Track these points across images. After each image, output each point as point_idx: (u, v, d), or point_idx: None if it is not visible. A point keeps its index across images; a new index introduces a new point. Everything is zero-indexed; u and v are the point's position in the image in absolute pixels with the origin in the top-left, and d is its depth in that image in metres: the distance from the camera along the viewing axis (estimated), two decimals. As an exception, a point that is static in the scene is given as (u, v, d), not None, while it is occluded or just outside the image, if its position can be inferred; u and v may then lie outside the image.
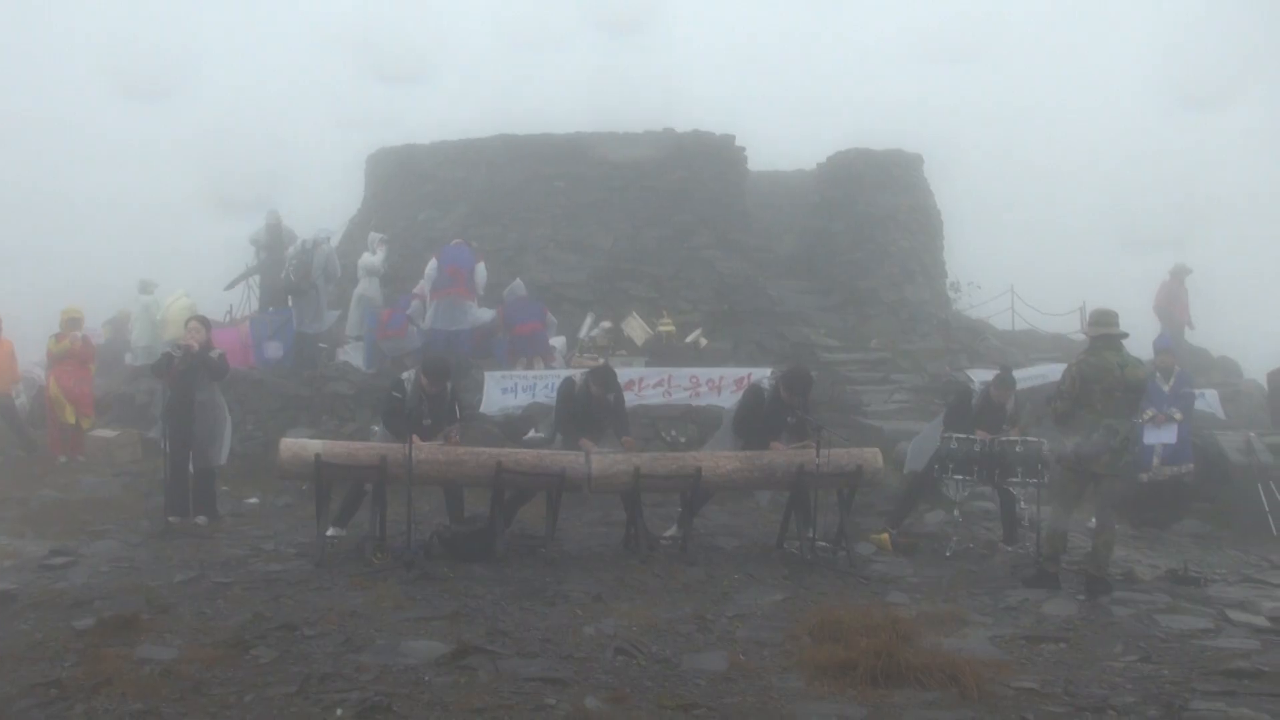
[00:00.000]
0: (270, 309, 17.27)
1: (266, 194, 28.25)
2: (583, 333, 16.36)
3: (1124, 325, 8.81)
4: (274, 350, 15.83)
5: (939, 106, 38.45)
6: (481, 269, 15.81)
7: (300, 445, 9.42)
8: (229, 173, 34.41)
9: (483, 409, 13.83)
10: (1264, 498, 11.86)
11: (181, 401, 10.53)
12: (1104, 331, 8.68)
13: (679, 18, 53.80)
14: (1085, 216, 35.20)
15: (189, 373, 10.53)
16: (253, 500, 11.94)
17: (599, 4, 47.75)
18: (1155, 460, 12.12)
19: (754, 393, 10.38)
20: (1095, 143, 39.43)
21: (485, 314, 15.70)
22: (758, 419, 10.09)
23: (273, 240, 17.42)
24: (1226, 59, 39.28)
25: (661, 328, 16.15)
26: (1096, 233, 33.45)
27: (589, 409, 10.07)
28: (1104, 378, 8.43)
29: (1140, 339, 17.27)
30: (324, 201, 22.91)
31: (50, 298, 16.11)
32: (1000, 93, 41.65)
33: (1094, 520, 8.91)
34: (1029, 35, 49.11)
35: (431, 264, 15.61)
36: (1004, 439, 10.20)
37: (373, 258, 16.55)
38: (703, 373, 14.49)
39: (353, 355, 16.06)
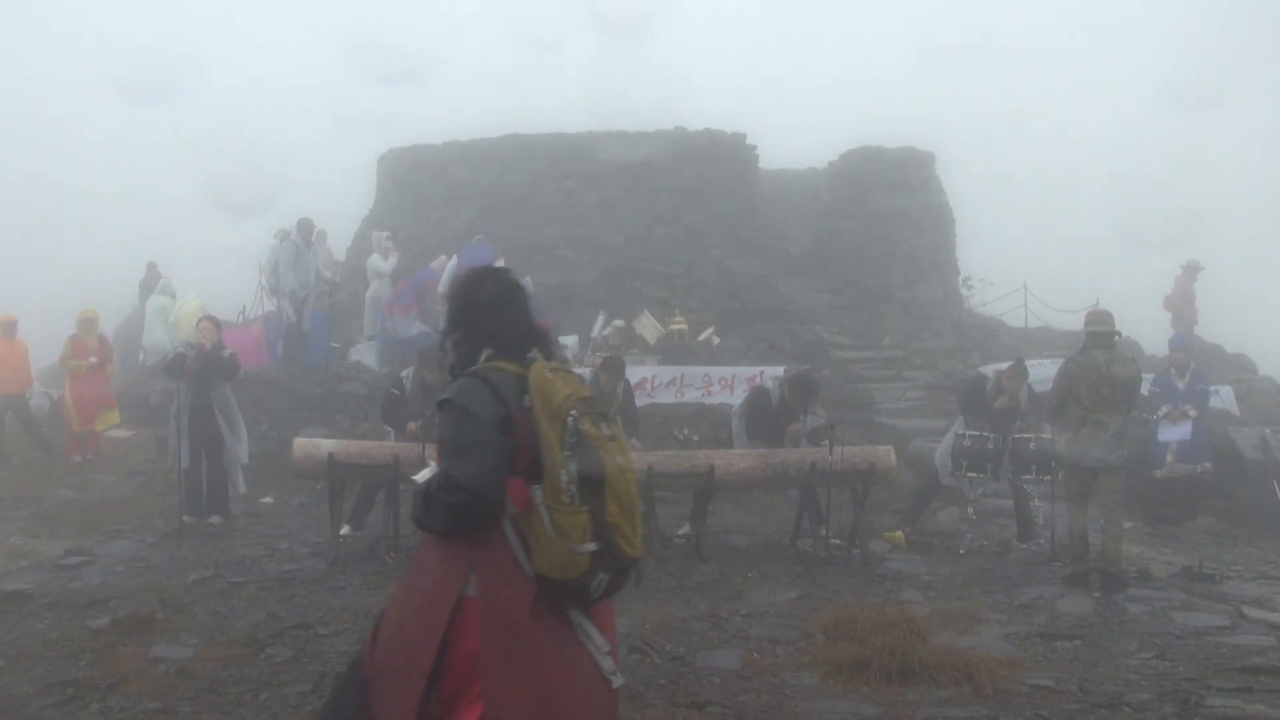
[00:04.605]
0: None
1: (268, 194, 28.38)
2: (595, 332, 16.35)
3: (1136, 324, 8.87)
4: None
5: (948, 104, 38.39)
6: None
7: (314, 445, 9.45)
8: (230, 173, 34.55)
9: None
10: (1279, 494, 11.80)
11: (195, 401, 10.57)
12: (1094, 330, 8.84)
13: (686, 15, 53.77)
14: (1092, 216, 35.15)
15: (202, 372, 10.58)
16: (267, 500, 11.97)
17: (604, 2, 47.74)
18: (1169, 457, 12.07)
19: (760, 395, 10.34)
20: (1101, 142, 39.33)
21: None
22: (766, 421, 10.07)
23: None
24: (1228, 59, 39.19)
25: (674, 326, 16.13)
26: (1104, 232, 33.39)
27: (599, 399, 10.07)
28: (1090, 375, 8.61)
29: (1151, 337, 17.30)
30: (327, 202, 22.96)
31: (54, 299, 16.20)
32: (1008, 91, 41.58)
33: (1100, 517, 8.93)
34: (1033, 35, 48.95)
35: (452, 261, 15.67)
36: (1017, 436, 10.20)
37: (382, 260, 16.62)
38: (715, 371, 14.49)
39: (365, 355, 16.11)
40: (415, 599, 3.25)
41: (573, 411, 3.15)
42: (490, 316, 3.42)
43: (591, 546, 3.11)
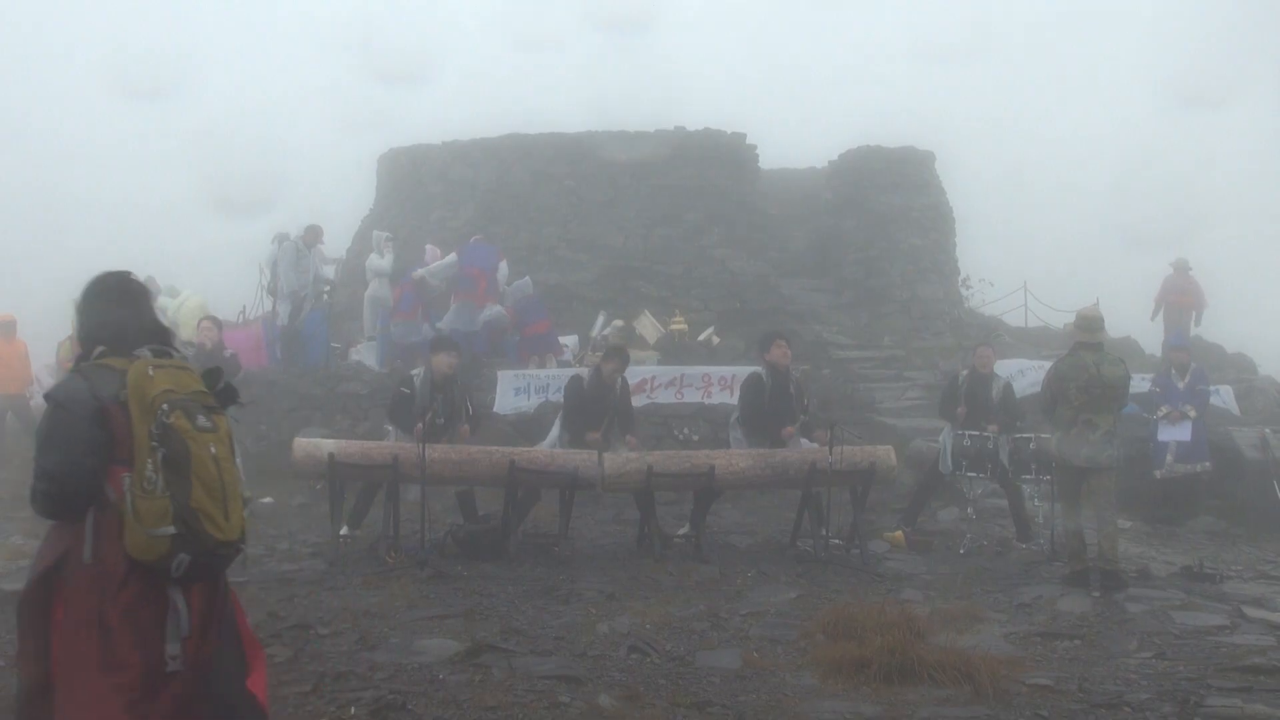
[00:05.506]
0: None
1: (268, 195, 28.38)
2: (595, 331, 16.35)
3: (1135, 324, 8.96)
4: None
5: (948, 104, 38.40)
6: (504, 268, 15.90)
7: (314, 445, 9.44)
8: (230, 173, 34.53)
9: (496, 408, 13.84)
10: (1279, 494, 11.80)
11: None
12: (1083, 340, 8.94)
13: (686, 16, 53.76)
14: (1092, 216, 35.18)
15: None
16: (267, 500, 11.96)
17: (604, 3, 47.73)
18: (1169, 458, 12.07)
19: (752, 382, 10.25)
20: (1101, 142, 39.37)
21: (495, 309, 15.75)
22: (760, 407, 10.01)
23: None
24: (1228, 59, 39.24)
25: (674, 326, 16.14)
26: (1104, 232, 33.40)
27: (598, 397, 10.03)
28: (1079, 375, 8.71)
29: (1151, 337, 17.29)
30: (327, 202, 22.97)
31: (53, 299, 16.14)
32: (1008, 91, 41.63)
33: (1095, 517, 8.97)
34: (1033, 35, 48.98)
35: (450, 258, 15.65)
36: (1017, 436, 10.23)
37: (380, 260, 16.60)
38: (715, 371, 14.49)
39: (366, 355, 16.10)
40: (29, 584, 3.58)
41: (164, 405, 3.40)
42: (103, 316, 3.72)
43: (170, 529, 3.35)
